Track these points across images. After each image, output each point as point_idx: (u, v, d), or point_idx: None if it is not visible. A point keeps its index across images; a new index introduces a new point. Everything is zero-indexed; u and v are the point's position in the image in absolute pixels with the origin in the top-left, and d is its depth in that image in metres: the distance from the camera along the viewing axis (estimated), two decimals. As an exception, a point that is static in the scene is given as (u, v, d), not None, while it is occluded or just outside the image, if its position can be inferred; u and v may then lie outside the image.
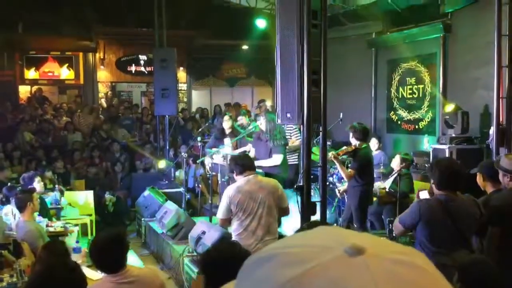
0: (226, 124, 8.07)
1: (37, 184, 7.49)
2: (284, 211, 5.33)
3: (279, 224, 5.80)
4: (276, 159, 6.94)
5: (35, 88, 15.09)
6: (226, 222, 5.23)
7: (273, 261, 0.63)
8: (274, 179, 6.90)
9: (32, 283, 2.74)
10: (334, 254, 0.61)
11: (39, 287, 2.60)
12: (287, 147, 7.37)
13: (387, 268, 0.60)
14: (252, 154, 7.45)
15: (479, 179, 4.37)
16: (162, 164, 10.33)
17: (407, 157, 7.63)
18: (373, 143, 9.37)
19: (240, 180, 5.18)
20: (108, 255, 3.32)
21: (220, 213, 5.19)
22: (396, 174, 7.36)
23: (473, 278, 2.82)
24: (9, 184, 7.91)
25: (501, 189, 4.16)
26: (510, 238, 3.97)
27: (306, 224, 4.11)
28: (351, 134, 6.70)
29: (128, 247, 3.54)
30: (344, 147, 6.68)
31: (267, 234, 5.09)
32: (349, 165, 6.78)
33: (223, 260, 2.61)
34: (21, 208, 5.85)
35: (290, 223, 6.21)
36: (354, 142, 6.63)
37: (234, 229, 5.17)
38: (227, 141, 7.73)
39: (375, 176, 8.48)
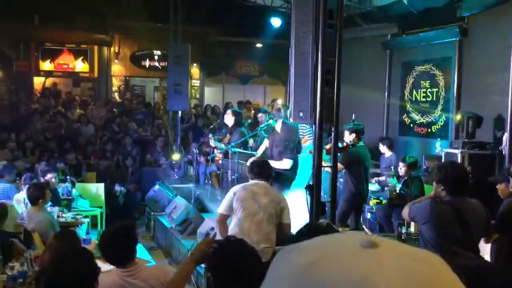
0: (226, 119, 8.32)
1: (51, 180, 7.63)
2: (283, 228, 4.92)
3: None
4: (285, 164, 6.96)
5: (49, 81, 15.20)
6: (225, 219, 5.05)
7: (296, 250, 0.72)
8: (283, 178, 6.98)
9: (46, 271, 2.76)
10: (350, 246, 0.68)
11: (54, 274, 2.62)
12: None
13: (397, 260, 0.66)
14: (263, 147, 7.50)
15: (505, 188, 4.38)
16: (176, 156, 10.46)
17: (412, 160, 7.56)
18: (382, 148, 9.20)
19: (250, 181, 5.17)
20: (117, 248, 3.34)
21: (222, 207, 5.06)
22: (406, 177, 7.34)
23: (478, 282, 2.81)
24: (27, 173, 8.07)
25: None
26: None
27: (306, 225, 4.05)
28: (347, 133, 6.81)
29: (136, 240, 3.55)
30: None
31: (265, 242, 4.77)
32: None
33: (230, 259, 2.61)
34: (32, 202, 5.95)
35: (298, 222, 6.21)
36: (348, 139, 6.74)
37: (230, 229, 4.93)
38: (227, 137, 8.05)
39: (384, 178, 8.48)
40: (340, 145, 6.75)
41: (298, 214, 5.90)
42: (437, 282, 0.65)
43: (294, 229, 6.33)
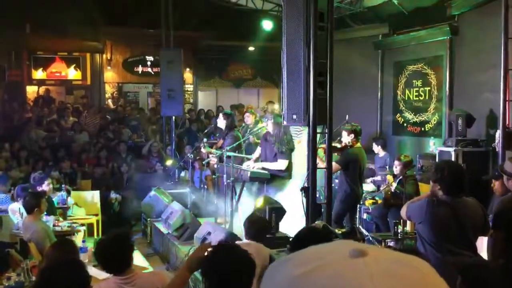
0: (219, 122, 8.26)
1: (47, 187, 7.61)
2: None
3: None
4: (280, 164, 6.96)
5: (42, 88, 15.17)
6: None
7: (290, 261, 0.76)
8: (279, 181, 6.98)
9: (37, 281, 2.77)
10: (339, 256, 0.71)
11: (44, 285, 2.63)
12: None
13: (384, 266, 0.68)
14: (257, 153, 7.51)
15: (499, 185, 4.39)
16: (169, 162, 10.47)
17: (408, 159, 7.61)
18: (376, 148, 9.26)
19: (244, 241, 4.83)
20: (112, 256, 3.35)
21: None
22: (401, 177, 7.37)
23: (474, 280, 2.82)
24: (20, 183, 8.05)
25: None
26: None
27: (302, 229, 3.99)
28: (345, 133, 6.83)
29: (132, 247, 3.55)
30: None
31: None
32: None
33: (225, 263, 2.62)
34: (28, 211, 5.93)
35: (293, 225, 6.21)
36: (347, 140, 6.77)
37: None
38: (220, 142, 7.99)
39: (379, 178, 8.52)
40: (338, 145, 6.78)
41: (294, 217, 5.91)
42: (423, 286, 0.67)
43: (291, 233, 6.38)
